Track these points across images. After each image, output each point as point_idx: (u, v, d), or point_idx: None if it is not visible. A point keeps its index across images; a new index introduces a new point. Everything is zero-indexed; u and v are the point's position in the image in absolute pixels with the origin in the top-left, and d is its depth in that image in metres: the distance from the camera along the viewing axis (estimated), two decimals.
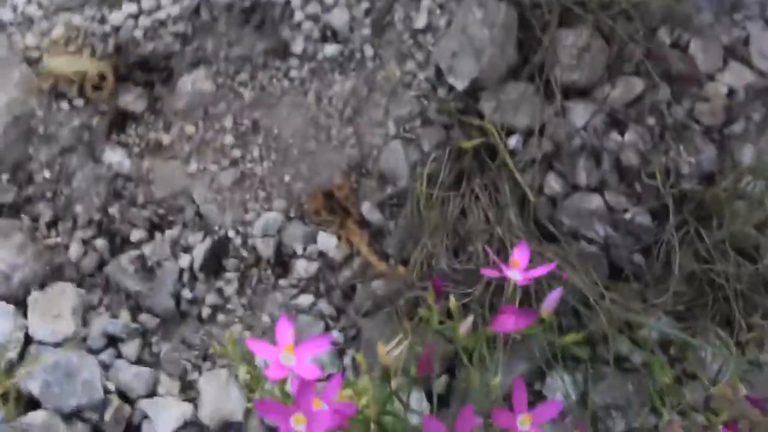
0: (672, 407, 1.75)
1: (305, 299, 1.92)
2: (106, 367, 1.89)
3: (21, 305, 1.90)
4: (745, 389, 1.65)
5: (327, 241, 1.95)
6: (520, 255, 1.46)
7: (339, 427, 1.26)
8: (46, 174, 1.98)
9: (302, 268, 1.93)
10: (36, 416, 1.81)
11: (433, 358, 1.42)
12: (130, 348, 1.90)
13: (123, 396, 1.88)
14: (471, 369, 1.46)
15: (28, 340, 1.88)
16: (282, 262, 1.96)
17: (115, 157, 1.99)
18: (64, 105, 1.99)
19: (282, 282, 1.94)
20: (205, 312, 1.93)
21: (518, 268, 1.44)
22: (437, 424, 1.25)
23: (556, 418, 1.50)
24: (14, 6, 2.05)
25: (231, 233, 1.96)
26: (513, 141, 1.95)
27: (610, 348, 1.84)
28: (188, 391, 1.90)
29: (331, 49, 2.03)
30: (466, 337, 1.47)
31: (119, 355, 1.91)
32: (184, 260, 1.94)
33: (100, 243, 1.95)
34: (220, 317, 1.94)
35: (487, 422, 1.36)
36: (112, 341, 1.91)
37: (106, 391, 1.86)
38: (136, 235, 1.96)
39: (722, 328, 1.82)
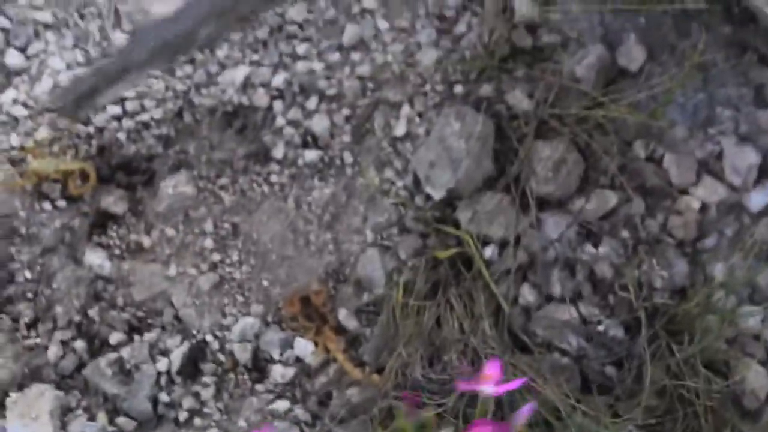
0: None
1: (281, 405, 1.94)
2: None
3: None
4: None
5: (304, 347, 1.97)
6: (492, 369, 1.48)
7: None
8: (27, 274, 2.00)
9: (279, 373, 1.96)
10: None
11: None
12: None
13: None
14: None
15: None
16: (259, 367, 1.98)
17: (95, 259, 2.01)
18: (47, 205, 2.02)
19: (259, 387, 1.96)
20: (182, 416, 1.95)
21: (491, 382, 1.46)
22: None
23: None
24: (0, 106, 2.08)
25: (209, 337, 1.98)
26: (488, 251, 1.98)
27: None
28: None
29: (311, 154, 2.07)
30: None
31: None
32: (162, 364, 1.96)
33: (79, 345, 1.97)
34: (197, 421, 1.96)
35: None
36: None
37: None
38: (114, 337, 1.98)
39: None
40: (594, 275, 1.97)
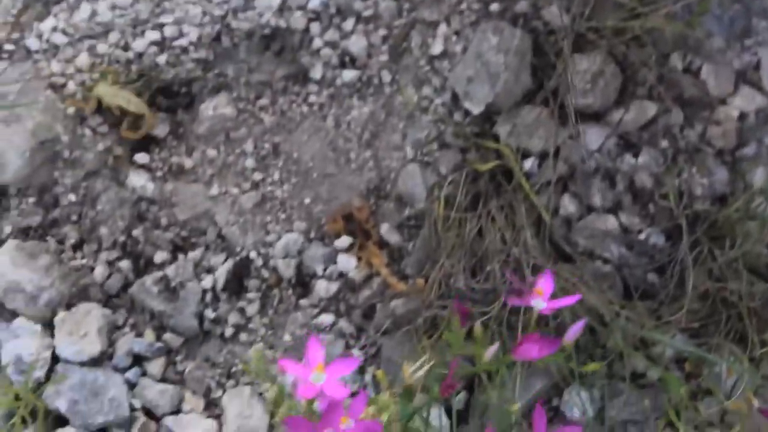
0: (687, 422, 1.78)
1: (326, 318, 1.95)
2: (131, 385, 1.92)
3: (48, 326, 1.93)
4: (759, 404, 1.69)
5: (347, 262, 1.98)
6: (544, 284, 1.48)
7: None
8: (72, 197, 2.02)
9: (323, 288, 1.97)
10: None
11: (455, 380, 1.44)
12: (155, 366, 1.94)
13: (149, 413, 1.92)
14: (489, 387, 1.48)
15: (55, 359, 1.92)
16: (303, 282, 1.99)
17: (138, 180, 2.03)
18: (89, 130, 2.03)
19: (303, 302, 1.98)
20: (228, 331, 1.97)
21: (542, 297, 1.45)
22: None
23: None
24: (40, 34, 2.10)
25: (252, 254, 2.00)
26: (528, 164, 1.99)
27: (626, 365, 1.87)
28: (212, 408, 1.94)
29: (349, 74, 2.08)
30: (491, 366, 1.49)
31: (144, 374, 1.94)
32: (207, 281, 1.97)
33: (125, 264, 1.99)
34: (243, 336, 1.97)
35: None
36: (138, 360, 1.95)
37: (132, 409, 1.89)
38: (159, 256, 2.00)
39: (736, 345, 1.85)
40: (634, 185, 1.98)
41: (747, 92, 2.01)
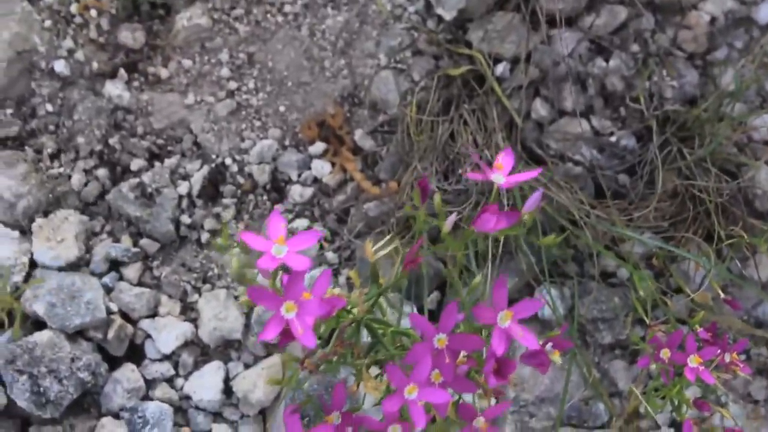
0: (656, 319, 1.80)
1: (300, 223, 1.97)
2: (108, 289, 1.94)
3: (25, 232, 1.95)
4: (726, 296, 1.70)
5: (321, 168, 2.00)
6: (504, 159, 1.47)
7: (327, 315, 1.30)
8: (49, 107, 2.04)
9: (297, 193, 1.99)
10: (42, 335, 1.86)
11: (419, 253, 1.44)
12: (132, 271, 1.96)
13: (125, 316, 1.94)
14: (458, 281, 1.48)
15: (32, 264, 1.94)
16: (277, 188, 2.01)
17: (115, 90, 2.04)
18: (66, 41, 2.05)
19: (278, 207, 1.99)
20: (204, 237, 1.98)
21: (502, 172, 1.44)
22: (423, 319, 1.26)
23: (543, 331, 1.54)
24: None
25: (228, 161, 2.01)
26: (500, 68, 2.01)
27: (596, 263, 1.89)
28: (188, 311, 1.96)
29: None
30: (455, 244, 1.50)
31: (121, 278, 1.96)
32: (183, 187, 1.99)
33: (102, 172, 2.01)
34: (219, 241, 1.98)
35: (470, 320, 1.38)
36: (114, 265, 1.97)
37: (109, 312, 1.91)
38: (136, 164, 2.02)
39: (703, 240, 1.87)
40: (605, 89, 1.99)
41: None
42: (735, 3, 2.00)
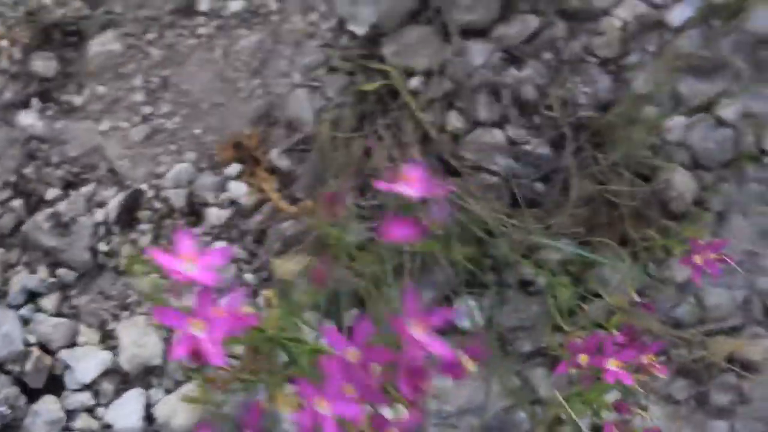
0: (575, 324, 1.79)
1: (219, 245, 1.95)
2: (26, 321, 1.92)
3: None
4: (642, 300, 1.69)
5: (237, 189, 1.99)
6: (413, 171, 1.46)
7: (236, 332, 1.28)
8: None
9: (214, 216, 1.98)
10: None
11: (327, 268, 1.43)
12: (49, 302, 1.94)
13: (44, 348, 1.92)
14: (374, 295, 1.47)
15: None
16: (194, 211, 2.00)
17: (28, 120, 2.03)
18: None
19: (195, 230, 1.98)
20: (122, 263, 1.96)
21: (412, 184, 1.43)
22: (335, 333, 1.25)
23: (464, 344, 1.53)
24: None
25: (144, 186, 2.00)
26: (414, 82, 1.99)
27: (514, 273, 1.88)
28: (108, 340, 1.94)
29: (236, 5, 2.08)
30: (366, 258, 1.49)
31: (39, 309, 1.94)
32: (99, 215, 1.98)
33: (17, 203, 1.99)
34: (137, 267, 1.97)
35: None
36: (32, 296, 1.95)
37: (27, 344, 1.89)
38: (51, 193, 2.00)
39: (619, 245, 1.86)
40: (519, 98, 1.99)
41: (630, 2, 2.02)
42: (646, 7, 2.00)
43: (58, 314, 1.94)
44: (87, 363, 1.90)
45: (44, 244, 1.97)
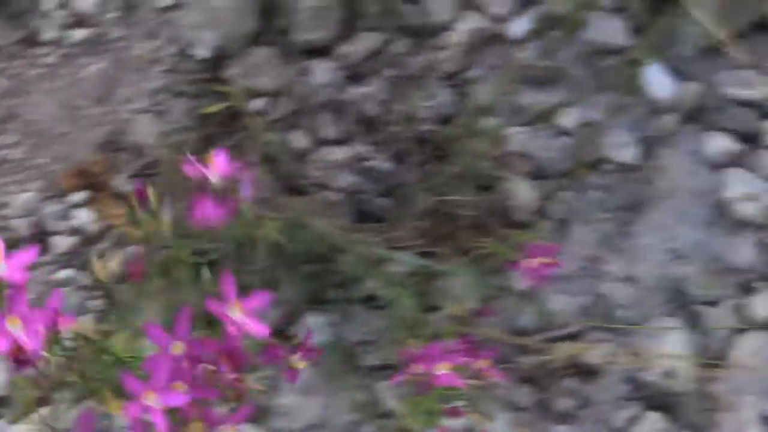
0: (419, 335, 1.79)
1: (65, 273, 1.94)
2: None
3: None
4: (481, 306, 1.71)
5: (83, 216, 1.98)
6: (217, 157, 1.48)
7: (53, 328, 1.26)
8: None
9: (60, 244, 1.96)
10: None
11: (144, 263, 1.43)
12: None
13: None
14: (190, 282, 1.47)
15: None
16: (41, 240, 1.98)
17: None
18: None
19: (41, 259, 1.96)
20: None
21: (216, 169, 1.46)
22: (157, 329, 1.24)
23: (314, 357, 1.53)
24: None
25: None
26: (259, 103, 2.00)
27: (360, 287, 1.89)
28: None
29: (80, 33, 2.09)
30: (180, 246, 1.49)
31: None
32: None
33: None
34: None
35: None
36: None
37: None
38: None
39: (461, 254, 1.87)
40: (363, 114, 2.00)
41: (471, 17, 2.04)
42: (487, 21, 2.02)
43: None
44: None
45: None
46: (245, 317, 1.25)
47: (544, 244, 1.66)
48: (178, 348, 1.22)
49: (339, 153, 1.97)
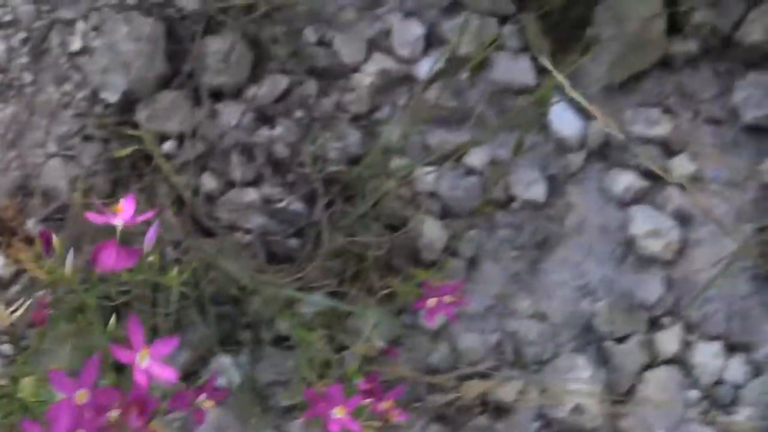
0: (331, 375, 1.80)
1: None
2: None
3: None
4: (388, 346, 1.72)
5: None
6: (125, 203, 1.48)
7: None
8: None
9: None
10: None
11: (48, 308, 1.43)
12: None
13: None
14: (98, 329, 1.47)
15: None
16: None
17: None
18: None
19: None
20: None
21: (122, 215, 1.45)
22: (62, 376, 1.23)
23: (224, 400, 1.53)
24: None
25: None
26: (168, 146, 2.01)
27: (270, 328, 1.89)
28: None
29: None
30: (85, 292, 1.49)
31: None
32: None
33: None
34: None
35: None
36: None
37: None
38: None
39: (369, 295, 1.88)
40: (272, 156, 2.01)
41: (379, 58, 2.06)
42: (395, 63, 2.05)
43: None
44: None
45: None
46: (153, 364, 1.25)
47: (450, 283, 1.67)
48: (82, 396, 1.22)
49: (249, 195, 1.98)
